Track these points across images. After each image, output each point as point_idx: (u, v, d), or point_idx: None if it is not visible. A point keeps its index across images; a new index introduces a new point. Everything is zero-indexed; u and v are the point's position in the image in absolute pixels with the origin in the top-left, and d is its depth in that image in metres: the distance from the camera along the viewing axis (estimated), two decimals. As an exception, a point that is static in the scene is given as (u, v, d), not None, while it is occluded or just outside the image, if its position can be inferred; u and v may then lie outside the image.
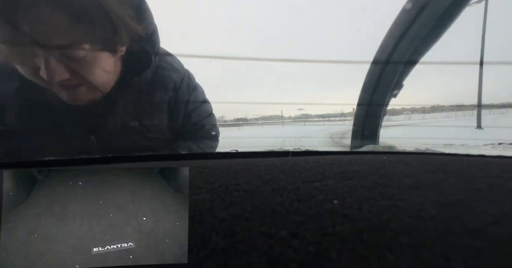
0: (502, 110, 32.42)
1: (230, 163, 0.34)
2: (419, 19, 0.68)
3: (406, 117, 37.39)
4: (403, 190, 0.25)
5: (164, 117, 0.66)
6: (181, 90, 0.67)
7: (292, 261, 0.16)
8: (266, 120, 48.37)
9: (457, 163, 0.34)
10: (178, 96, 0.67)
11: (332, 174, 0.30)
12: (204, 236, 0.19)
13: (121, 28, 0.49)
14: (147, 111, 0.63)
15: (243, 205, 0.23)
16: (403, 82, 0.82)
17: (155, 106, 0.64)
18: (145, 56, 0.58)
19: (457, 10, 0.66)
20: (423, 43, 0.72)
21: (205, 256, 0.17)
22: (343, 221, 0.20)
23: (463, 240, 0.18)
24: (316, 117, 60.82)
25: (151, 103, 0.63)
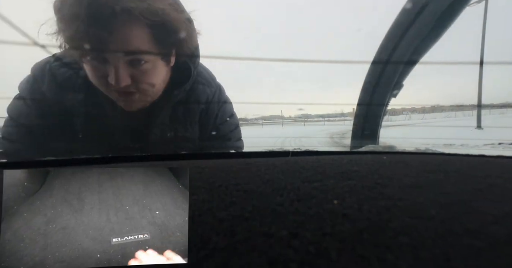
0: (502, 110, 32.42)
1: (230, 163, 0.34)
2: (419, 19, 0.68)
3: (406, 117, 37.38)
4: (403, 190, 0.25)
5: (196, 128, 0.70)
6: (212, 104, 0.71)
7: (292, 261, 0.16)
8: (266, 120, 48.35)
9: (457, 163, 0.34)
10: (209, 109, 0.71)
11: (332, 174, 0.30)
12: (204, 236, 0.19)
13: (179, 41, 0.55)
14: (182, 122, 0.67)
15: (243, 205, 0.23)
16: (403, 82, 0.82)
17: (189, 118, 0.68)
18: (187, 69, 0.62)
19: (457, 10, 0.66)
20: (423, 43, 0.72)
21: (205, 256, 0.17)
22: (343, 221, 0.20)
23: (463, 240, 0.18)
24: (316, 117, 60.77)
25: (185, 115, 0.67)
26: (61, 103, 0.60)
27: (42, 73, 0.60)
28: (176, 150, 0.69)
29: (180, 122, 0.67)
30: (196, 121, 0.70)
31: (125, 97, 0.56)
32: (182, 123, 0.68)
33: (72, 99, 0.60)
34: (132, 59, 0.51)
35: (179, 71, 0.62)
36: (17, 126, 0.61)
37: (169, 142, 0.67)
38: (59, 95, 0.60)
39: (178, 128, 0.67)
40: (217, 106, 0.73)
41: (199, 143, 0.72)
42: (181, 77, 0.62)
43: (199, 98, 0.68)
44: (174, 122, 0.66)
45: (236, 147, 0.80)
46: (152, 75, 0.55)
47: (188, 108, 0.67)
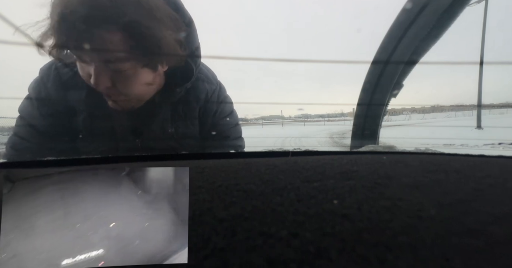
0: (502, 110, 32.39)
1: (230, 163, 0.34)
2: (419, 19, 0.68)
3: (406, 117, 37.35)
4: (403, 190, 0.25)
5: (196, 125, 0.71)
6: (211, 101, 0.72)
7: (292, 261, 0.16)
8: (266, 120, 48.34)
9: (457, 163, 0.34)
10: (208, 106, 0.72)
11: (332, 174, 0.30)
12: (204, 236, 0.19)
13: (166, 52, 0.54)
14: (182, 119, 0.69)
15: (243, 205, 0.23)
16: (403, 82, 0.82)
17: (189, 115, 0.70)
18: (188, 70, 0.63)
19: (457, 10, 0.66)
20: (423, 43, 0.72)
21: (205, 256, 0.17)
22: (343, 221, 0.20)
23: (463, 240, 0.18)
24: (316, 117, 60.82)
25: (186, 111, 0.69)
26: (65, 102, 0.62)
27: (48, 73, 0.62)
28: (177, 146, 0.69)
29: (180, 118, 0.68)
30: (196, 118, 0.71)
31: (110, 98, 0.58)
32: (182, 120, 0.69)
33: (76, 97, 0.61)
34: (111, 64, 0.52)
35: (181, 72, 0.63)
36: (26, 125, 0.63)
37: (170, 139, 0.68)
38: (63, 94, 0.62)
39: (178, 124, 0.68)
40: (216, 104, 0.73)
41: (200, 140, 0.73)
42: (183, 76, 0.63)
43: (199, 95, 0.69)
44: (174, 118, 0.67)
45: (237, 145, 0.80)
46: (134, 81, 0.55)
47: (188, 104, 0.68)
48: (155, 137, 0.67)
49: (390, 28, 0.75)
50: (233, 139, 0.78)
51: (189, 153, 0.47)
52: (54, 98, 0.62)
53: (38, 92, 0.62)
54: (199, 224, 0.20)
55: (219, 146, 0.77)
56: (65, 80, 0.61)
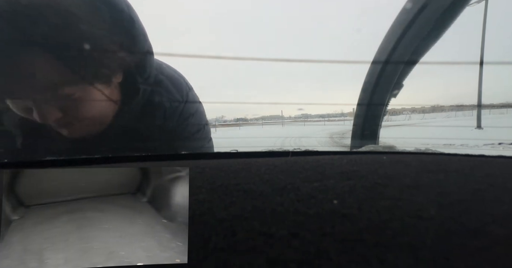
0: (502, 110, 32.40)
1: (230, 163, 0.34)
2: (419, 19, 0.68)
3: (406, 117, 37.35)
4: (403, 190, 0.25)
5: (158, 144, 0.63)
6: (170, 119, 0.63)
7: (292, 261, 0.16)
8: (266, 120, 48.33)
9: (457, 163, 0.34)
10: (167, 124, 0.63)
11: (332, 174, 0.30)
12: (204, 236, 0.19)
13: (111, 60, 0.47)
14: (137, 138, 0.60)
15: (243, 205, 0.23)
16: (403, 82, 0.82)
17: (145, 134, 0.61)
18: (134, 84, 0.54)
19: (457, 10, 0.66)
20: (423, 43, 0.72)
21: (205, 256, 0.17)
22: (343, 221, 0.20)
23: (463, 240, 0.18)
24: (316, 117, 60.79)
25: (140, 130, 0.60)
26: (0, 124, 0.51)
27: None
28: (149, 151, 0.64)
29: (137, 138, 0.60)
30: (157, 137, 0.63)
31: (66, 127, 0.50)
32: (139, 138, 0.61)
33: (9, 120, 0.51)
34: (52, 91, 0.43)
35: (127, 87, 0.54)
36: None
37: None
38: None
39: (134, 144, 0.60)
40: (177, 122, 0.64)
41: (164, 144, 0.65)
42: (130, 92, 0.55)
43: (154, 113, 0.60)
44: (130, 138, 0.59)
45: (206, 147, 0.74)
46: (87, 103, 0.47)
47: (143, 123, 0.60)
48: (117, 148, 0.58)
49: (390, 28, 0.75)
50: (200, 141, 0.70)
51: (189, 153, 0.47)
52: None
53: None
54: (199, 224, 0.20)
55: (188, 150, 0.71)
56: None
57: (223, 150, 0.53)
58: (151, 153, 0.41)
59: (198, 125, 0.68)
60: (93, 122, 0.53)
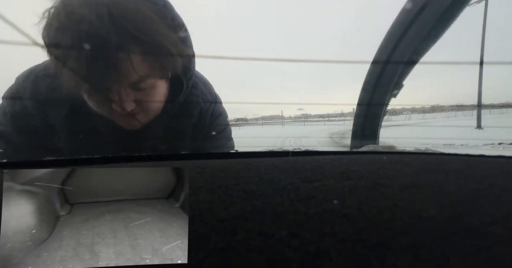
0: (502, 110, 32.38)
1: (230, 163, 0.34)
2: (419, 19, 0.68)
3: (406, 117, 37.36)
4: (403, 190, 0.25)
5: (188, 143, 0.69)
6: (204, 118, 0.70)
7: (292, 261, 0.16)
8: (266, 120, 48.35)
9: (457, 163, 0.34)
10: (201, 123, 0.69)
11: (332, 174, 0.30)
12: (204, 236, 0.19)
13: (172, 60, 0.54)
14: (174, 137, 0.66)
15: (243, 205, 0.23)
16: (403, 82, 0.82)
17: (181, 132, 0.67)
18: (180, 82, 0.60)
19: (457, 10, 0.66)
20: (423, 43, 0.72)
21: (205, 256, 0.17)
22: (343, 221, 0.20)
23: (463, 240, 0.18)
24: (316, 117, 60.81)
25: (178, 129, 0.66)
26: (43, 117, 0.57)
27: (25, 85, 0.57)
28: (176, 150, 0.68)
29: (174, 135, 0.66)
30: (189, 135, 0.68)
31: (129, 119, 0.56)
32: (175, 137, 0.66)
33: (56, 113, 0.57)
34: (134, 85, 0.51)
35: (172, 85, 0.61)
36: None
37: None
38: (42, 108, 0.57)
39: (172, 141, 0.66)
40: (209, 121, 0.71)
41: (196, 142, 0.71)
42: (176, 90, 0.61)
43: (192, 112, 0.67)
44: (167, 135, 0.65)
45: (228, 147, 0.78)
46: (155, 94, 0.55)
47: (181, 121, 0.66)
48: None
49: (390, 28, 0.75)
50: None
51: (189, 153, 0.47)
52: (31, 111, 0.57)
53: (12, 104, 0.58)
54: (199, 224, 0.20)
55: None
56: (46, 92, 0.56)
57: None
58: (151, 153, 0.41)
59: (224, 125, 0.75)
60: (149, 115, 0.58)
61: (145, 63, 0.49)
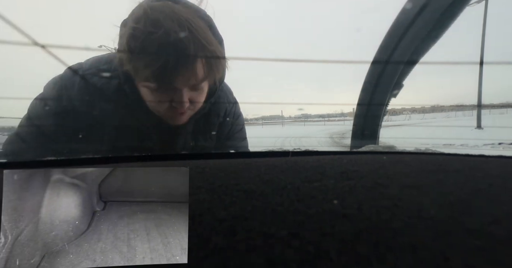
0: (502, 110, 32.36)
1: (230, 163, 0.34)
2: (419, 19, 0.68)
3: (406, 117, 37.35)
4: (403, 190, 0.25)
5: (214, 139, 0.77)
6: (228, 117, 0.78)
7: (292, 261, 0.16)
8: (266, 120, 48.31)
9: (457, 163, 0.34)
10: (225, 122, 0.77)
11: (332, 174, 0.30)
12: (204, 236, 0.19)
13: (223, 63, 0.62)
14: (202, 133, 0.74)
15: (243, 205, 0.23)
16: (403, 82, 0.82)
17: (209, 129, 0.74)
18: (214, 84, 0.67)
19: (457, 10, 0.66)
20: (423, 43, 0.72)
21: (205, 256, 0.17)
22: (343, 221, 0.20)
23: (463, 240, 0.18)
24: (316, 117, 60.73)
25: (206, 126, 0.73)
26: (89, 113, 0.61)
27: (73, 80, 0.60)
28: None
29: (200, 133, 0.72)
30: (215, 132, 0.75)
31: (178, 116, 0.61)
32: (202, 134, 0.73)
33: (103, 109, 0.61)
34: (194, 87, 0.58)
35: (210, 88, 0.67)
36: (32, 126, 0.61)
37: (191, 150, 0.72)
38: (89, 104, 0.61)
39: (198, 138, 0.73)
40: (231, 120, 0.78)
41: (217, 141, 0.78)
42: (210, 91, 0.67)
43: (219, 111, 0.74)
44: (196, 132, 0.71)
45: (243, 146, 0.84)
46: (204, 94, 0.63)
47: (209, 120, 0.73)
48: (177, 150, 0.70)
49: (390, 28, 0.75)
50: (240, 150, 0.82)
51: (189, 153, 0.47)
52: (77, 107, 0.60)
53: (58, 97, 0.60)
54: (199, 224, 0.20)
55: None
56: (94, 89, 0.60)
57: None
58: (151, 153, 0.41)
59: (241, 125, 0.82)
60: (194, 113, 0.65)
61: (204, 68, 0.56)
